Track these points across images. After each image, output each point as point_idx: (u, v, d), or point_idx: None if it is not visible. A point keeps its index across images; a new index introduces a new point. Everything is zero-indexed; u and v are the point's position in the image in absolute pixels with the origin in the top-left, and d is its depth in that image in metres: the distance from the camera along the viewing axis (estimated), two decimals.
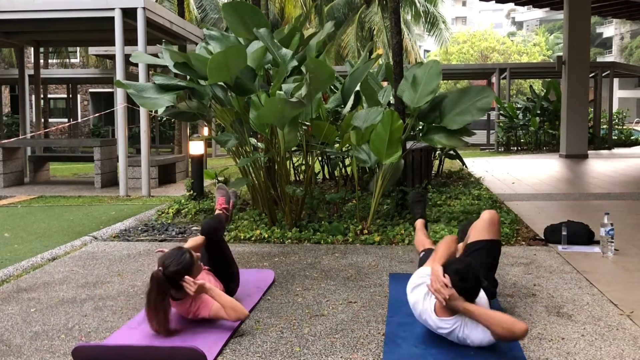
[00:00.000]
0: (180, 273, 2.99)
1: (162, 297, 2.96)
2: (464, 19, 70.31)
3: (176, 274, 2.98)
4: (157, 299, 2.94)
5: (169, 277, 2.97)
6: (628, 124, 27.38)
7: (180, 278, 3.00)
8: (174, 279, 2.98)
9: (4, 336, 3.07)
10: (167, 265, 2.98)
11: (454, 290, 2.66)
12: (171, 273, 2.97)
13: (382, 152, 5.31)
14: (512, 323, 2.57)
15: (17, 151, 10.13)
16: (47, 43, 13.94)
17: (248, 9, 5.67)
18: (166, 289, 2.98)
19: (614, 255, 4.54)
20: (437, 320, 2.78)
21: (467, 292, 2.68)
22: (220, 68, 4.79)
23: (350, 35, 26.08)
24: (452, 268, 2.73)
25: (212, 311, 3.07)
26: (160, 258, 3.05)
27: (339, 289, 3.81)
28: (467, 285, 2.67)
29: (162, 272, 2.97)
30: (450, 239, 3.04)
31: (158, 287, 2.95)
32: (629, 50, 49.65)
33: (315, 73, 4.82)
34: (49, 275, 4.25)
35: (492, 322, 2.61)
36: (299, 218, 5.77)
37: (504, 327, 2.57)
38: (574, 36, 14.61)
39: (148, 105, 5.30)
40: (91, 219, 6.65)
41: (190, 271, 3.05)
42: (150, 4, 8.76)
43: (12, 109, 27.32)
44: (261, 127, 5.49)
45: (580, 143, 14.86)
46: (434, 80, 5.56)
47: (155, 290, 2.95)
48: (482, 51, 41.21)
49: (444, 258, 2.87)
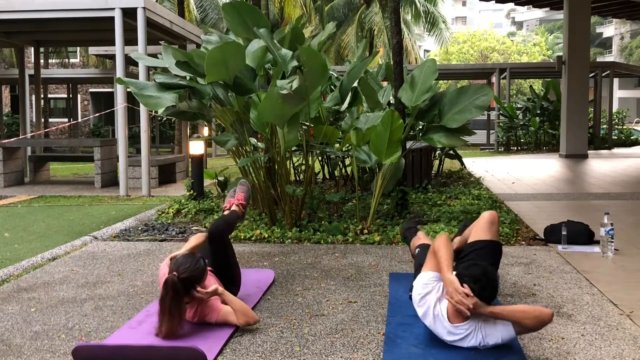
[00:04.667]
0: (194, 280, 2.99)
1: (179, 302, 2.94)
2: (464, 19, 70.31)
3: (190, 280, 2.97)
4: (173, 304, 2.91)
5: (183, 282, 2.95)
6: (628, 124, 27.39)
7: (193, 285, 2.99)
8: (187, 285, 2.97)
9: (4, 336, 3.07)
10: (183, 271, 2.96)
11: (477, 299, 2.63)
12: (185, 279, 2.95)
13: (382, 152, 5.32)
14: (539, 311, 2.61)
15: (17, 151, 10.13)
16: (47, 43, 13.93)
17: (248, 9, 5.67)
18: (182, 294, 2.96)
19: (614, 255, 4.54)
20: (451, 328, 2.74)
21: (487, 298, 2.66)
22: (218, 65, 4.78)
23: (350, 35, 26.08)
24: (469, 275, 2.68)
25: (220, 316, 3.07)
26: (174, 263, 3.02)
27: (339, 288, 3.81)
28: (487, 292, 2.65)
29: (178, 277, 2.94)
30: (447, 240, 2.97)
31: (174, 292, 2.92)
32: (629, 50, 49.65)
33: (308, 65, 4.79)
34: (49, 275, 4.25)
35: (520, 316, 2.62)
36: (299, 218, 5.77)
37: (532, 317, 2.60)
38: (574, 36, 14.61)
39: (151, 105, 5.29)
40: (91, 218, 6.65)
41: (203, 278, 3.05)
42: (150, 4, 8.76)
43: (12, 109, 27.33)
44: (261, 126, 5.49)
45: (580, 143, 14.87)
46: (430, 78, 5.57)
47: (171, 295, 2.91)
48: (482, 51, 41.20)
49: (450, 264, 2.80)
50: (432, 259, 2.95)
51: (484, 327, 2.70)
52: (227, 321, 3.07)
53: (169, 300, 2.91)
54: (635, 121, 35.11)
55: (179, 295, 2.94)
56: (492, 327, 2.69)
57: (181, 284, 2.94)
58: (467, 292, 2.63)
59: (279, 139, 5.47)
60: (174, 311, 2.92)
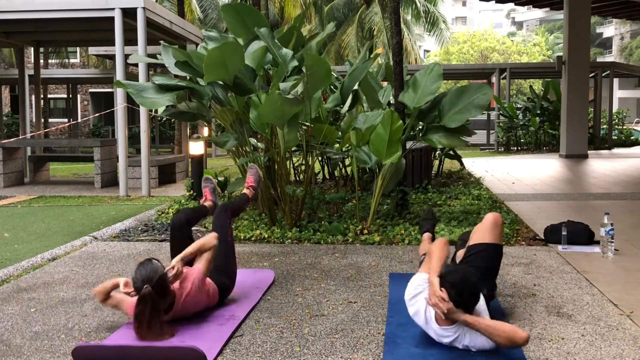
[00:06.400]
0: (164, 277, 2.95)
1: (157, 313, 2.91)
2: (464, 19, 70.31)
3: (162, 279, 2.93)
4: (152, 317, 2.88)
5: (158, 287, 2.90)
6: (628, 124, 27.37)
7: (166, 282, 2.96)
8: (162, 285, 2.93)
9: (4, 336, 3.07)
10: (150, 278, 2.89)
11: (452, 304, 2.65)
12: (158, 282, 2.90)
13: (382, 153, 5.32)
14: (513, 332, 2.57)
15: (17, 151, 10.13)
16: (47, 43, 13.93)
17: (247, 10, 5.68)
18: (158, 304, 2.93)
19: (614, 255, 4.54)
20: (439, 330, 2.77)
21: (465, 305, 2.68)
22: (217, 65, 4.78)
23: (350, 35, 26.09)
24: (448, 281, 2.70)
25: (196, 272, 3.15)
26: (135, 281, 2.93)
27: (339, 289, 3.81)
28: (464, 299, 2.67)
29: (151, 287, 2.87)
30: (443, 243, 3.00)
31: (152, 305, 2.87)
32: (629, 50, 49.64)
33: (312, 70, 4.82)
34: (49, 275, 4.25)
35: (492, 332, 2.61)
36: (299, 218, 5.77)
37: (504, 336, 2.58)
38: (574, 36, 14.61)
39: (148, 105, 5.30)
40: (91, 219, 6.65)
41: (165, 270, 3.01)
42: (150, 4, 8.76)
43: (12, 109, 27.32)
44: (261, 127, 5.48)
45: (580, 143, 14.86)
46: (435, 82, 5.58)
47: (150, 308, 2.86)
48: (482, 51, 41.19)
49: (440, 267, 2.84)
50: (427, 261, 2.99)
51: (469, 333, 2.72)
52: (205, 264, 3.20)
53: (148, 311, 2.86)
54: (635, 121, 35.10)
55: (157, 306, 2.91)
56: (476, 334, 2.70)
57: (156, 290, 2.89)
58: (443, 296, 2.66)
59: (279, 139, 5.47)
60: (154, 323, 2.88)
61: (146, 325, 2.87)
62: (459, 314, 2.67)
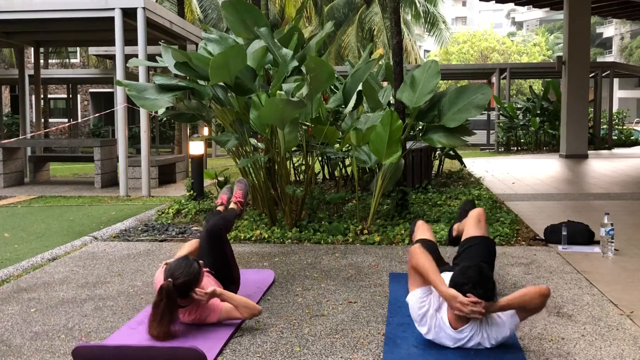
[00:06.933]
0: (190, 283, 2.97)
1: (172, 308, 2.93)
2: (464, 19, 70.32)
3: (186, 284, 2.96)
4: (166, 311, 2.90)
5: (179, 287, 2.94)
6: (628, 124, 27.37)
7: (190, 288, 2.98)
8: (184, 289, 2.96)
9: (4, 336, 3.07)
10: (177, 276, 2.94)
11: (484, 302, 2.62)
12: (181, 284, 2.94)
13: (382, 152, 5.31)
14: (538, 289, 2.68)
15: (17, 151, 10.13)
16: (47, 43, 13.94)
17: (247, 8, 5.67)
18: (175, 300, 2.95)
19: (614, 255, 4.54)
20: (455, 334, 2.73)
21: (492, 294, 2.66)
22: (220, 69, 4.80)
23: (351, 35, 26.09)
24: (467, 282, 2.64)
25: (223, 315, 3.07)
26: (168, 269, 3.00)
27: (339, 289, 3.81)
28: (489, 291, 2.64)
29: (172, 284, 2.92)
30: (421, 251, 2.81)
31: (168, 299, 2.91)
32: (629, 50, 49.64)
33: (315, 72, 4.83)
34: (49, 275, 4.25)
35: (526, 299, 2.67)
36: (299, 218, 5.77)
37: (536, 296, 2.66)
38: (574, 36, 14.60)
39: (148, 106, 5.30)
40: (91, 219, 6.65)
41: (199, 280, 3.03)
42: (150, 4, 8.76)
43: (12, 109, 27.33)
44: (261, 127, 5.48)
45: (580, 143, 14.86)
46: (433, 80, 5.57)
47: (165, 302, 2.90)
48: (482, 51, 41.18)
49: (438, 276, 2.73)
50: (414, 276, 2.83)
51: (486, 327, 2.70)
52: (231, 317, 3.07)
53: (162, 306, 2.89)
54: (636, 121, 35.09)
55: (173, 302, 2.93)
56: (494, 323, 2.69)
57: (176, 290, 2.93)
58: (474, 300, 2.60)
59: (279, 140, 5.47)
60: (166, 317, 2.90)
61: (159, 317, 2.89)
62: (492, 306, 2.65)
